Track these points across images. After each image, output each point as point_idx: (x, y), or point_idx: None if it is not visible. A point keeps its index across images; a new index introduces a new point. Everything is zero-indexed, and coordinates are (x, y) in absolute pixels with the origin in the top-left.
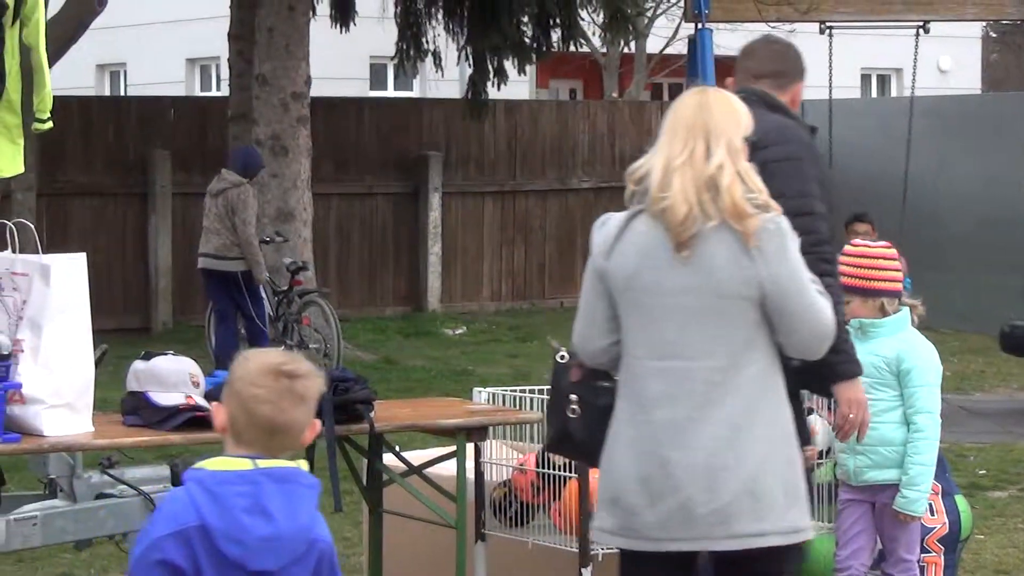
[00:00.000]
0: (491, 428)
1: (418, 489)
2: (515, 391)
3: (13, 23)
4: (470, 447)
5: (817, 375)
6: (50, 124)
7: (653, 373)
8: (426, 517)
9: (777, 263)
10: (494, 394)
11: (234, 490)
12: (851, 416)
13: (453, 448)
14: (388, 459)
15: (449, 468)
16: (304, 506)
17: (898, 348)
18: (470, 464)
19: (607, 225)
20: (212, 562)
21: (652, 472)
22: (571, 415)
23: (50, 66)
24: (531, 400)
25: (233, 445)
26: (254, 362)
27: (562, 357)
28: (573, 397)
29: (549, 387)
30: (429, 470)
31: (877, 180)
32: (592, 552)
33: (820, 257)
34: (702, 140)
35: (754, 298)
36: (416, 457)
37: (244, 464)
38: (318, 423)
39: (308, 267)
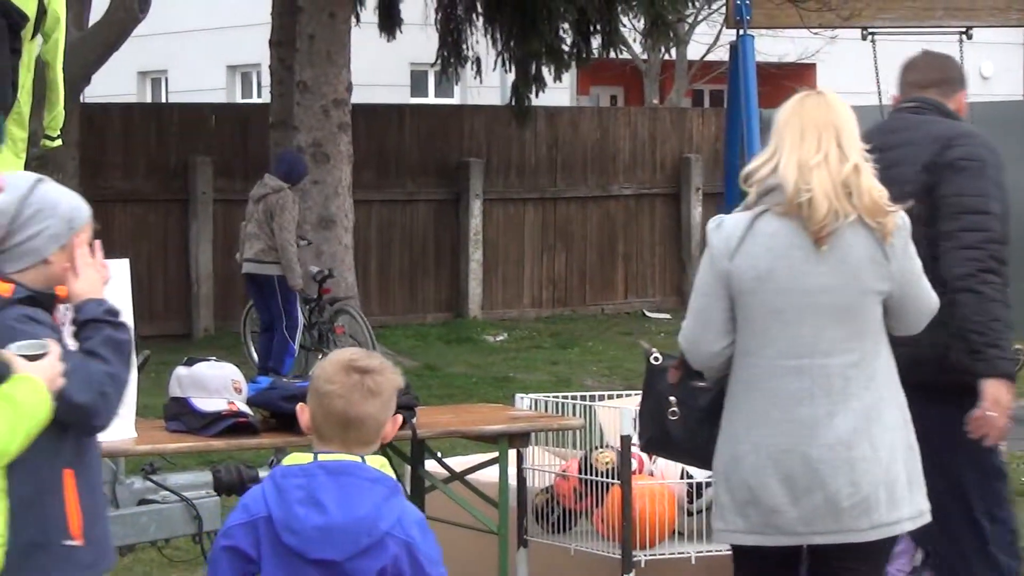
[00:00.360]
0: (533, 434)
1: (460, 495)
2: (557, 397)
3: (32, 36)
4: (512, 453)
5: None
6: (59, 142)
7: (789, 372)
8: (468, 523)
9: (904, 258)
10: (536, 400)
11: (293, 483)
12: (989, 415)
13: (495, 454)
14: (430, 465)
15: (491, 474)
16: (364, 498)
17: None
18: (512, 470)
19: (724, 227)
20: (275, 550)
21: (794, 469)
22: (672, 417)
23: (92, 73)
24: (573, 406)
25: (316, 441)
26: (330, 360)
27: (656, 359)
28: (672, 399)
29: (642, 390)
30: (471, 476)
31: None
32: (634, 559)
33: (989, 254)
34: (834, 140)
35: (886, 292)
36: (458, 463)
37: (307, 458)
38: (399, 418)
39: (335, 275)
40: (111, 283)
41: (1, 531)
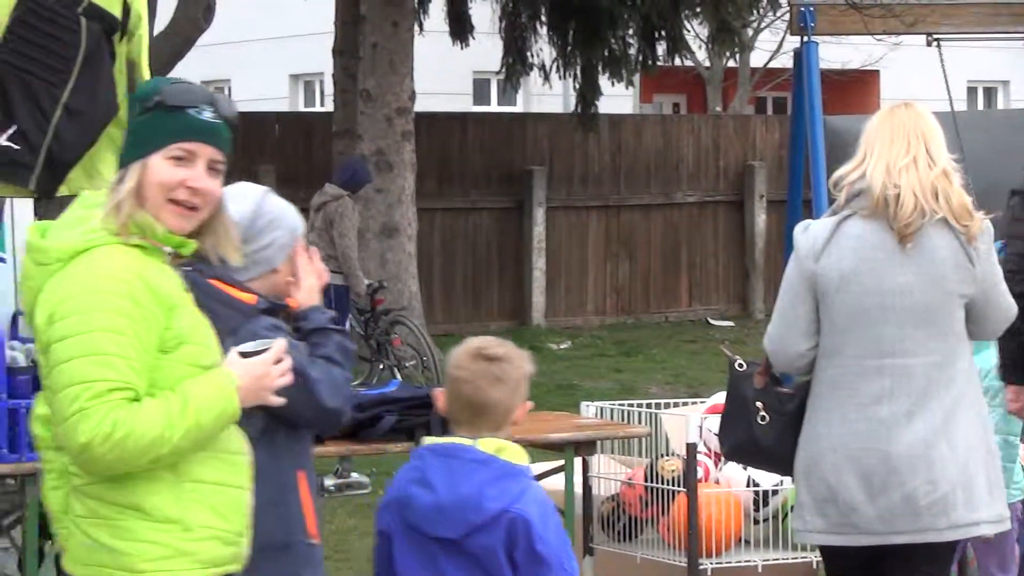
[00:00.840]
0: (599, 442)
1: None
2: (623, 405)
3: (121, 39)
4: (578, 461)
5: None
6: None
7: (871, 371)
8: None
9: (988, 262)
10: (602, 408)
11: (410, 464)
12: None
13: (561, 462)
14: None
15: (557, 482)
16: (468, 479)
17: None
18: (578, 478)
19: (811, 230)
20: (404, 529)
21: (873, 468)
22: (760, 422)
23: None
24: (639, 414)
25: (451, 424)
26: (462, 346)
27: (740, 366)
28: (759, 404)
29: (726, 396)
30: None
31: (983, 193)
32: (700, 567)
33: None
34: (923, 146)
35: (968, 295)
36: None
37: (428, 441)
38: (530, 404)
39: (398, 284)
40: None
41: (246, 523)
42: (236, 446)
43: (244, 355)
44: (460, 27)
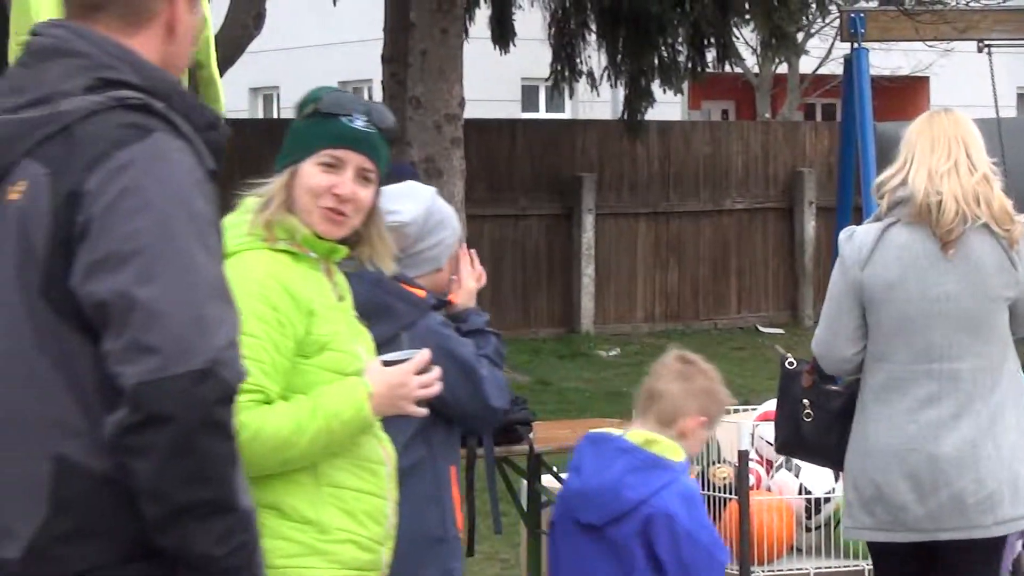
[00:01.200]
0: None
1: None
2: None
3: None
4: None
5: None
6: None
7: (919, 376)
8: None
9: None
10: None
11: (575, 451)
12: None
13: None
14: (547, 480)
15: None
16: (611, 466)
17: None
18: None
19: (856, 237)
20: (559, 514)
21: (921, 469)
22: (806, 419)
23: None
24: None
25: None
26: (671, 352)
27: (790, 363)
28: (806, 402)
29: (777, 393)
30: None
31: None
32: (752, 574)
33: None
34: (963, 151)
35: (1012, 298)
36: None
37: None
38: (705, 419)
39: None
40: None
41: (385, 532)
42: (377, 455)
43: (388, 364)
44: (503, 34)
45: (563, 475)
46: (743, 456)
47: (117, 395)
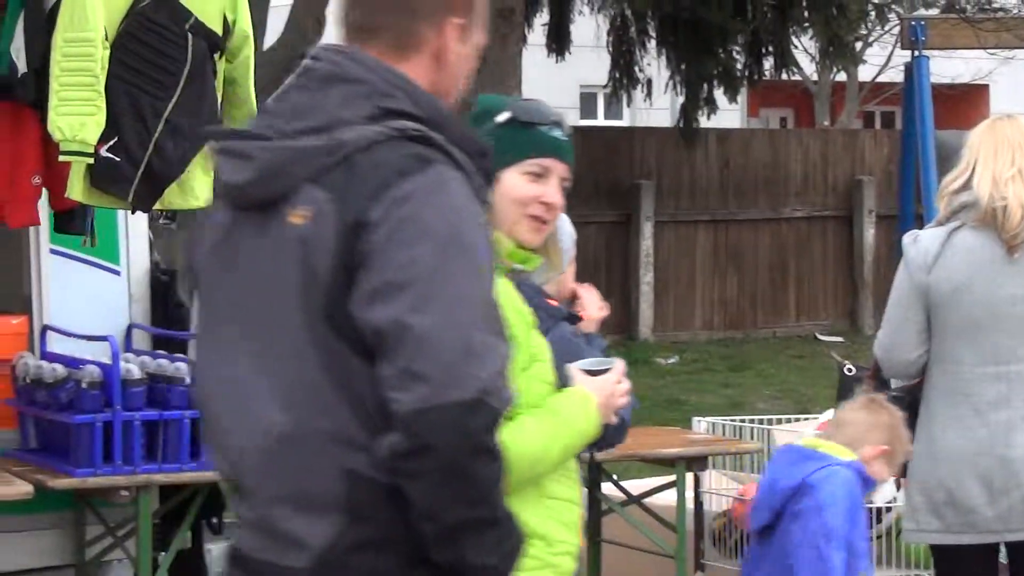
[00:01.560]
0: (710, 458)
1: (637, 518)
2: (734, 421)
3: (221, 56)
4: (689, 477)
5: None
6: None
7: (987, 378)
8: (645, 547)
9: None
10: (713, 423)
11: None
12: None
13: (672, 477)
14: (607, 488)
15: (667, 498)
16: (778, 464)
17: None
18: (689, 494)
19: (921, 241)
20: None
21: (992, 471)
22: None
23: (268, 94)
24: (751, 430)
25: None
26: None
27: (849, 370)
28: None
29: (836, 399)
30: (648, 499)
31: None
32: None
33: None
34: None
35: None
36: (633, 486)
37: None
38: (885, 450)
39: None
40: None
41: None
42: (574, 464)
43: (592, 374)
44: (559, 41)
45: (623, 483)
46: None
47: (391, 416)
